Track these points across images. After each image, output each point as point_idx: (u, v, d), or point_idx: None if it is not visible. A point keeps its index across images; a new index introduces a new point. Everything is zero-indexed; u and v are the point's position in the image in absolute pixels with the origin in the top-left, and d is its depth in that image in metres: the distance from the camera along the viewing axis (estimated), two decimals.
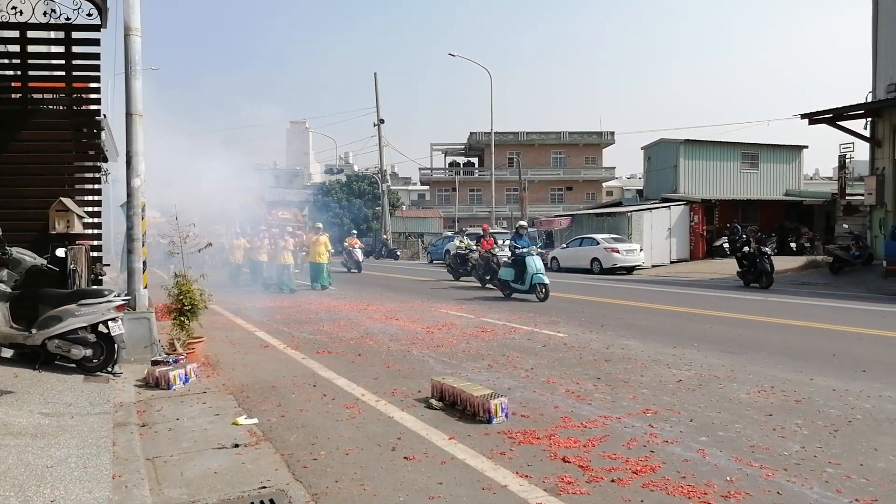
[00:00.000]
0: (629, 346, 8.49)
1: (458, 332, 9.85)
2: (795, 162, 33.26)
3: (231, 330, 10.77)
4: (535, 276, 14.16)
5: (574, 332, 9.68)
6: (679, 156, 31.41)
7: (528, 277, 14.25)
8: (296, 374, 7.20)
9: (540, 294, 14.05)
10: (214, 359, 8.20)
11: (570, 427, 5.00)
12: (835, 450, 4.34)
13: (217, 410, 5.82)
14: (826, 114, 21.27)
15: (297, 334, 10.10)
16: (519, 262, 14.67)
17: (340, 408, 5.76)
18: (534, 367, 7.29)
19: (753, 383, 6.25)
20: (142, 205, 7.52)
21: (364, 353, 8.33)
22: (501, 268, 15.54)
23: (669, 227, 27.94)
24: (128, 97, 7.32)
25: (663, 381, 6.41)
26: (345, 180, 59.23)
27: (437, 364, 7.57)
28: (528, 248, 14.78)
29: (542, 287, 14.07)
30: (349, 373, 7.20)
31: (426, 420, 5.30)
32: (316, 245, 18.44)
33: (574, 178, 62.06)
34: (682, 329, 9.88)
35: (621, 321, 10.85)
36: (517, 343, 8.87)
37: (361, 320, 11.50)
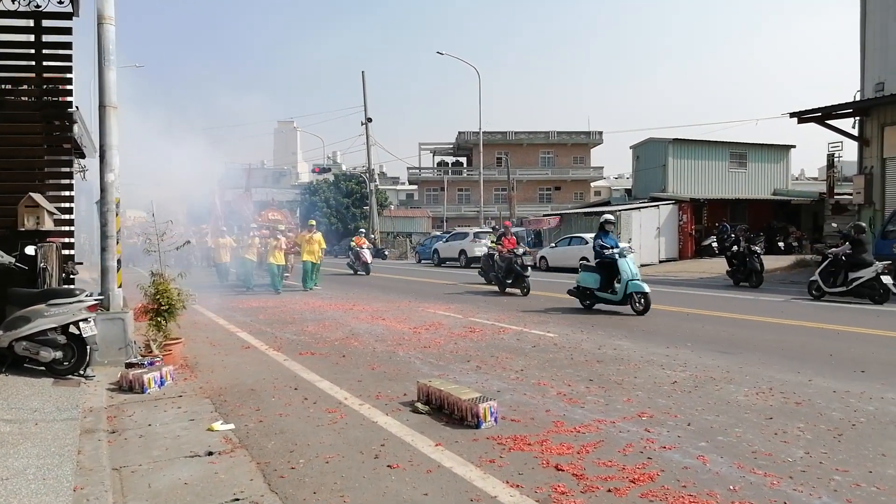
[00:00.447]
0: (621, 346, 8.28)
1: (445, 333, 9.60)
2: (783, 161, 33.29)
3: (212, 331, 10.47)
4: (631, 284, 11.30)
5: (564, 332, 9.46)
6: (668, 155, 31.34)
7: (621, 285, 11.43)
8: (277, 377, 6.92)
9: (638, 305, 11.24)
10: (193, 361, 7.91)
11: (563, 432, 4.77)
12: (841, 455, 4.13)
13: (192, 415, 5.54)
14: (815, 112, 21.21)
15: (280, 335, 9.82)
16: (606, 266, 11.90)
17: (322, 412, 5.50)
18: (524, 368, 7.06)
19: (751, 385, 6.04)
20: (116, 201, 7.21)
21: (349, 355, 8.06)
22: (582, 272, 12.65)
23: (658, 227, 27.84)
24: (101, 88, 7.01)
25: (658, 383, 6.20)
26: (332, 180, 58.85)
27: (423, 366, 7.32)
28: (619, 249, 11.95)
29: (641, 297, 11.21)
30: (332, 375, 6.93)
31: (412, 425, 5.04)
32: (310, 243, 17.70)
33: (562, 177, 62.02)
34: (675, 329, 9.68)
35: (612, 321, 10.64)
36: (506, 343, 8.63)
37: (347, 320, 11.23)
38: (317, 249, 17.64)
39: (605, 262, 11.93)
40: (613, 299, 11.64)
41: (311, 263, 17.60)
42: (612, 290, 11.69)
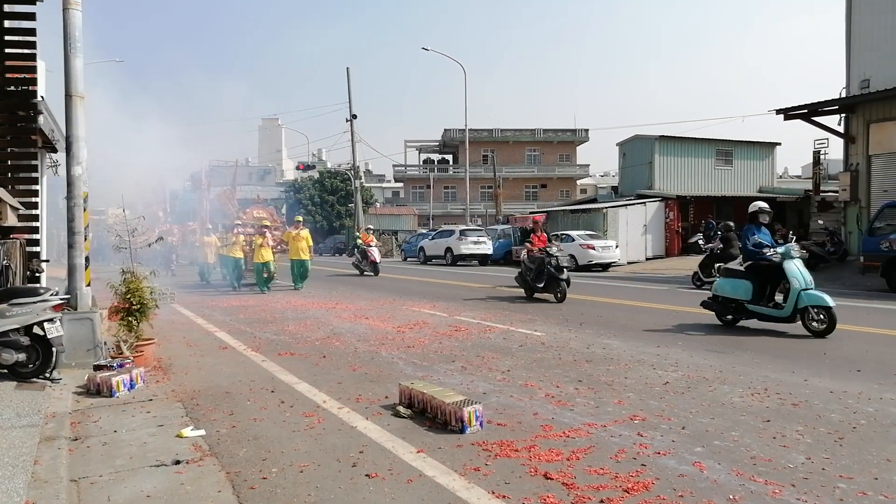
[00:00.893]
0: (610, 345, 8.07)
1: (430, 332, 9.34)
2: (769, 159, 33.35)
3: (190, 331, 10.15)
4: (806, 296, 8.47)
5: (552, 331, 9.24)
6: (654, 152, 31.28)
7: (791, 296, 8.57)
8: (253, 379, 6.64)
9: (816, 324, 8.44)
10: (167, 362, 7.60)
11: (552, 437, 4.53)
12: (844, 461, 3.92)
13: (161, 420, 5.25)
14: (801, 109, 21.19)
15: (259, 335, 9.52)
16: (762, 271, 9.00)
17: (299, 416, 5.23)
18: (510, 368, 6.82)
19: (745, 385, 5.84)
20: (84, 195, 6.89)
21: (329, 355, 7.79)
22: (722, 280, 9.58)
23: (645, 224, 27.76)
24: (67, 77, 6.68)
25: (649, 384, 5.98)
26: (317, 177, 58.37)
27: (406, 366, 7.06)
28: (784, 248, 8.97)
29: (822, 312, 8.38)
30: (311, 377, 6.66)
31: (393, 430, 4.79)
32: (296, 240, 16.91)
33: (548, 175, 61.94)
34: (664, 327, 9.49)
35: (601, 319, 10.44)
36: (492, 343, 8.40)
37: (329, 320, 10.94)
38: (304, 247, 16.88)
39: (761, 265, 9.02)
40: (776, 315, 8.79)
41: (298, 261, 16.91)
42: (772, 302, 9.00)
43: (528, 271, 13.62)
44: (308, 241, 17.11)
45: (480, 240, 28.81)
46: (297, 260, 16.90)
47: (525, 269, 13.78)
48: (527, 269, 13.66)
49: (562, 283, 12.84)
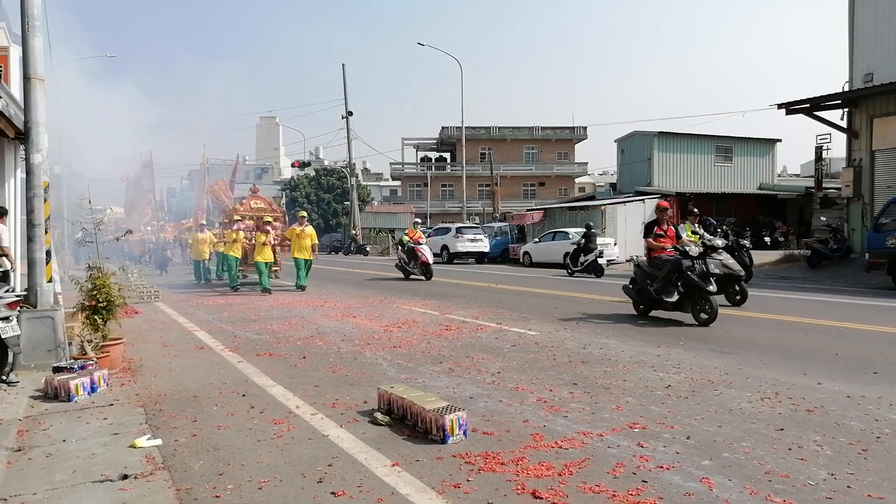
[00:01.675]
0: (608, 345, 7.62)
1: (419, 331, 8.89)
2: (769, 155, 32.94)
3: (168, 330, 9.69)
4: None
5: (546, 330, 8.79)
6: (653, 148, 30.87)
7: None
8: (226, 381, 6.19)
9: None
10: (138, 363, 7.15)
11: (543, 447, 4.09)
12: (871, 477, 3.48)
13: (118, 428, 4.80)
14: (803, 103, 20.73)
15: (240, 334, 9.07)
16: None
17: (267, 423, 4.78)
18: (501, 370, 6.37)
19: (754, 389, 5.40)
20: (44, 185, 6.43)
21: (310, 356, 7.34)
22: None
23: (644, 221, 27.29)
24: (25, 58, 6.23)
25: (650, 388, 5.53)
26: (313, 175, 57.90)
27: (390, 368, 6.61)
28: None
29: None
30: (287, 379, 6.21)
31: (368, 439, 4.34)
32: (300, 238, 15.58)
33: (546, 173, 61.46)
34: (664, 326, 9.05)
35: (597, 318, 9.99)
36: (483, 343, 7.95)
37: (315, 318, 10.49)
38: (308, 245, 15.65)
39: None
40: None
41: (302, 260, 15.57)
42: None
43: (648, 278, 9.67)
44: (313, 238, 15.88)
45: (477, 237, 28.37)
46: (299, 259, 15.62)
47: (642, 275, 9.83)
48: (646, 275, 9.74)
49: (709, 298, 8.93)
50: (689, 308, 9.17)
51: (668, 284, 9.32)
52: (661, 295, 9.38)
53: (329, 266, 27.26)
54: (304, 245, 15.56)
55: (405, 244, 18.64)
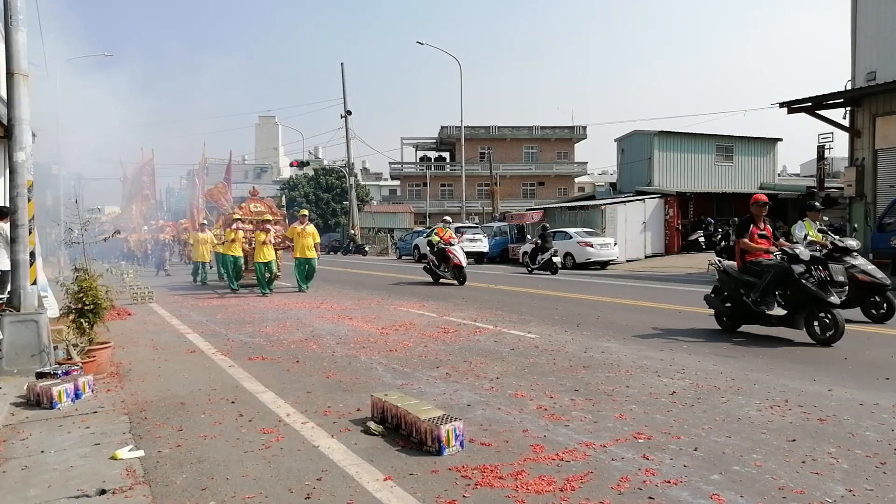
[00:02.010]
0: (610, 349, 7.42)
1: (416, 334, 8.69)
2: (770, 155, 32.75)
3: (160, 332, 9.48)
4: None
5: (547, 333, 8.59)
6: (653, 147, 30.68)
7: None
8: (215, 387, 5.99)
9: None
10: (126, 367, 6.95)
11: (543, 460, 3.89)
12: (891, 493, 3.28)
13: (100, 438, 4.60)
14: (805, 102, 20.53)
15: (233, 337, 8.87)
16: None
17: (256, 433, 4.58)
18: (500, 375, 6.17)
19: (762, 396, 5.20)
20: (28, 184, 6.23)
21: (303, 360, 7.14)
22: None
23: (644, 221, 27.15)
24: (8, 53, 6.02)
25: (654, 394, 5.34)
26: (312, 174, 57.69)
27: (386, 373, 6.41)
28: None
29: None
30: (279, 385, 6.01)
31: (360, 450, 4.14)
32: (302, 237, 14.95)
33: (546, 173, 61.29)
34: (668, 328, 8.85)
35: (599, 320, 9.80)
36: (482, 346, 7.75)
37: (310, 320, 10.29)
38: (311, 244, 15.00)
39: None
40: None
41: (304, 260, 15.06)
42: None
43: (742, 287, 8.08)
44: (315, 237, 15.25)
45: (476, 237, 28.20)
46: (302, 259, 15.05)
47: (733, 283, 8.26)
48: (738, 283, 8.16)
49: (832, 312, 7.31)
50: (801, 323, 7.63)
51: (766, 294, 7.77)
52: (762, 307, 7.80)
53: (328, 266, 27.05)
54: (307, 244, 14.98)
55: (434, 245, 16.92)
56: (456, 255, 16.12)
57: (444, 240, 16.66)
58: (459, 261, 16.07)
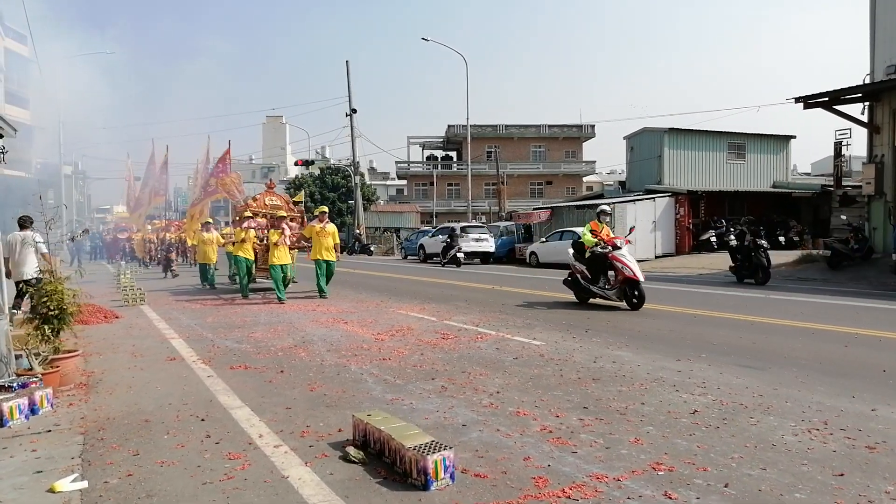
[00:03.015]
0: (621, 358, 6.82)
1: (412, 340, 8.12)
2: (783, 153, 31.98)
3: (144, 337, 8.95)
4: None
5: (553, 340, 8.00)
6: (663, 145, 29.99)
7: None
8: (187, 401, 5.44)
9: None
10: (97, 377, 6.42)
11: (547, 497, 3.31)
12: None
13: (44, 464, 4.06)
14: (821, 97, 19.80)
15: (219, 342, 8.33)
16: None
17: (220, 459, 4.02)
18: (500, 389, 5.59)
19: (796, 416, 4.60)
20: None
21: (288, 369, 6.58)
22: None
23: (654, 220, 26.43)
24: None
25: (673, 413, 4.74)
26: (318, 173, 57.22)
27: (376, 385, 5.84)
28: None
29: None
30: (257, 398, 5.46)
31: (335, 483, 3.58)
32: (321, 237, 13.51)
33: (554, 172, 60.63)
34: (683, 335, 8.24)
35: (608, 325, 9.20)
36: (483, 354, 7.17)
37: (303, 324, 9.73)
38: (331, 245, 13.62)
39: None
40: None
41: (324, 263, 13.65)
42: None
43: None
44: (335, 237, 13.82)
45: (482, 237, 27.58)
46: (321, 261, 13.63)
47: None
48: None
49: None
50: None
51: None
52: None
53: None
54: (326, 245, 13.60)
55: (590, 248, 11.31)
56: (628, 265, 10.65)
57: (607, 241, 11.29)
58: (633, 273, 10.57)
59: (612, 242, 11.23)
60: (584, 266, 11.52)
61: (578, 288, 11.70)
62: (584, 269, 11.48)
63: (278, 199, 16.40)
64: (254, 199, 16.29)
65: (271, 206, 15.76)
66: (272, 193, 16.48)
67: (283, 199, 16.58)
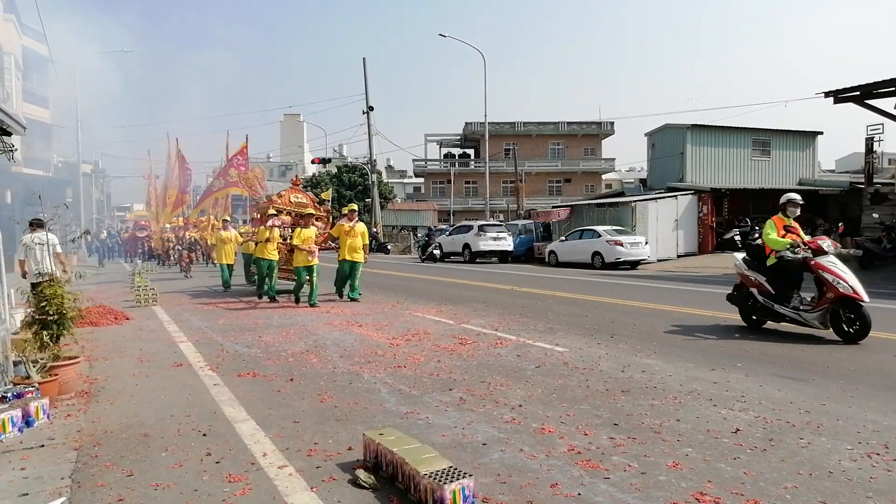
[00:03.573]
0: (651, 367, 6.42)
1: (429, 346, 7.76)
2: (809, 149, 31.20)
3: (153, 340, 8.69)
4: None
5: (577, 346, 7.61)
6: (686, 142, 29.38)
7: None
8: (189, 413, 5.13)
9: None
10: (100, 385, 6.15)
11: None
12: None
13: (32, 485, 3.77)
14: (853, 91, 19.19)
15: (228, 346, 8.04)
16: None
17: (219, 481, 3.70)
18: (523, 402, 5.22)
19: (851, 437, 4.18)
20: None
21: (299, 377, 6.26)
22: None
23: (676, 219, 25.89)
24: None
25: (713, 433, 4.34)
26: (335, 172, 57.12)
27: (390, 396, 5.50)
28: None
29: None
30: (264, 410, 5.14)
31: None
32: (349, 236, 12.57)
33: (572, 169, 60.02)
34: (715, 341, 7.81)
35: (635, 329, 8.78)
36: (503, 361, 6.79)
37: (316, 327, 9.42)
38: (359, 245, 12.63)
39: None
40: None
41: (349, 264, 12.62)
42: None
43: None
44: (365, 237, 12.88)
45: (500, 235, 27.16)
46: (349, 262, 12.64)
47: None
48: None
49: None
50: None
51: None
52: None
53: None
54: (355, 245, 12.60)
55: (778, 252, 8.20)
56: (843, 278, 7.60)
57: (808, 243, 8.10)
58: (852, 289, 7.53)
59: (816, 245, 8.02)
60: (764, 277, 8.47)
61: (753, 308, 8.70)
62: (765, 282, 8.43)
63: (304, 196, 15.35)
64: (278, 196, 15.22)
65: (296, 204, 14.75)
66: (297, 190, 15.41)
67: (309, 198, 15.52)
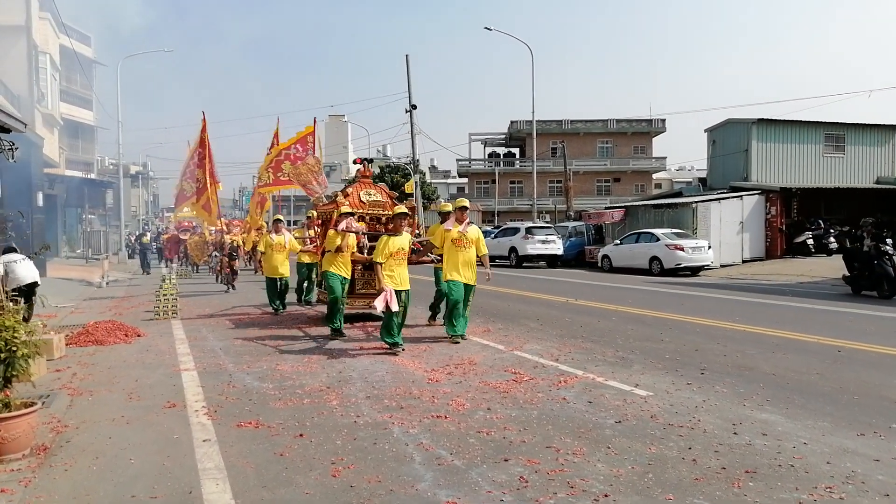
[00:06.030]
0: (772, 426, 4.85)
1: (476, 383, 6.33)
2: (889, 144, 28.66)
3: (154, 367, 7.48)
4: None
5: (661, 387, 6.07)
6: (751, 138, 27.25)
7: None
8: (158, 492, 3.82)
9: None
10: (66, 436, 4.92)
11: None
12: None
13: None
14: None
15: (238, 378, 6.76)
16: None
17: None
18: (608, 485, 3.74)
19: None
20: None
21: (311, 431, 4.90)
22: None
23: (741, 221, 23.87)
24: None
25: None
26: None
27: (425, 470, 4.08)
28: None
29: None
30: (256, 490, 3.79)
31: None
32: (458, 246, 8.66)
33: (622, 168, 57.83)
34: (841, 379, 6.19)
35: (728, 361, 7.18)
36: (571, 412, 5.32)
37: (343, 352, 8.08)
38: (472, 259, 8.77)
39: None
40: None
41: (459, 286, 8.56)
42: None
43: None
44: (481, 245, 8.89)
45: (549, 238, 25.56)
46: (454, 283, 8.54)
47: None
48: None
49: None
50: None
51: None
52: None
53: None
54: (466, 259, 8.64)
55: None
56: None
57: None
58: None
59: None
60: None
61: None
62: None
63: (378, 191, 11.09)
64: (343, 195, 10.55)
65: (370, 204, 10.67)
66: (368, 184, 11.08)
67: (385, 193, 11.31)
